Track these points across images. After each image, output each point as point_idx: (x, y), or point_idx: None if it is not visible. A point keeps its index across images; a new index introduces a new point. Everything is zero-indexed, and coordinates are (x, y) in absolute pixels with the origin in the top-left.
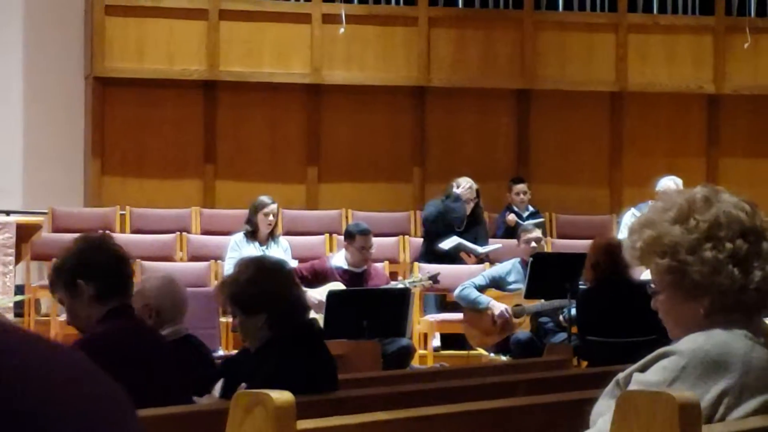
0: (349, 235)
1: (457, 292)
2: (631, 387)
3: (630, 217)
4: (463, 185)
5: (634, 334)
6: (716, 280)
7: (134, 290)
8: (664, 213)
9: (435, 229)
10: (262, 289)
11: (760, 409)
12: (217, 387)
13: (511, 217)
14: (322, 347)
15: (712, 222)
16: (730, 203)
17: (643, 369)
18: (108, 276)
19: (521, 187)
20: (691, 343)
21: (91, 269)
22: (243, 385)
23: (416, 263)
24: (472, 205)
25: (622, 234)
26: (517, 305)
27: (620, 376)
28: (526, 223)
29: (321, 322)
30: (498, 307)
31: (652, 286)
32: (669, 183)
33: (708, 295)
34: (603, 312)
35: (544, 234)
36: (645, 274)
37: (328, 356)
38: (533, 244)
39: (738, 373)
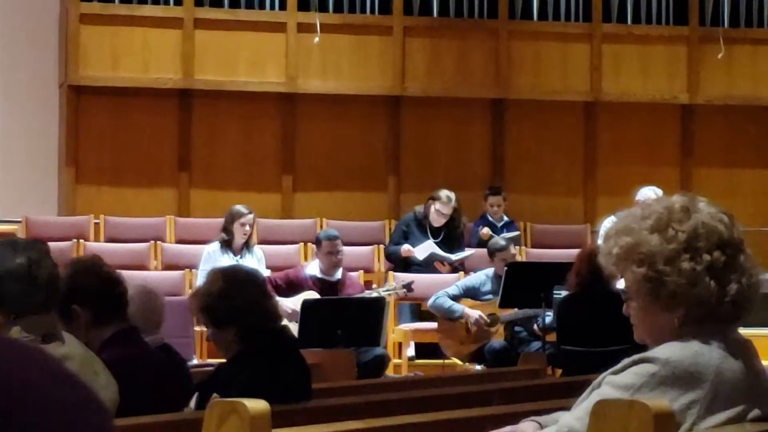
0: (317, 242)
1: (431, 301)
2: (603, 387)
3: (609, 224)
4: (435, 206)
5: (609, 343)
6: (693, 292)
7: None
8: (642, 221)
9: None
10: (233, 302)
11: (732, 419)
12: (193, 400)
13: (485, 231)
14: (295, 356)
15: (691, 233)
16: (708, 214)
17: (617, 372)
18: (103, 299)
19: (497, 198)
20: (667, 352)
21: (85, 293)
22: (215, 395)
23: (391, 272)
24: (444, 219)
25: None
26: (491, 314)
27: (595, 381)
28: (501, 237)
29: (295, 332)
30: (472, 314)
31: (626, 292)
32: (649, 193)
33: (683, 306)
34: (580, 320)
35: (518, 243)
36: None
37: (301, 365)
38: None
39: (710, 384)
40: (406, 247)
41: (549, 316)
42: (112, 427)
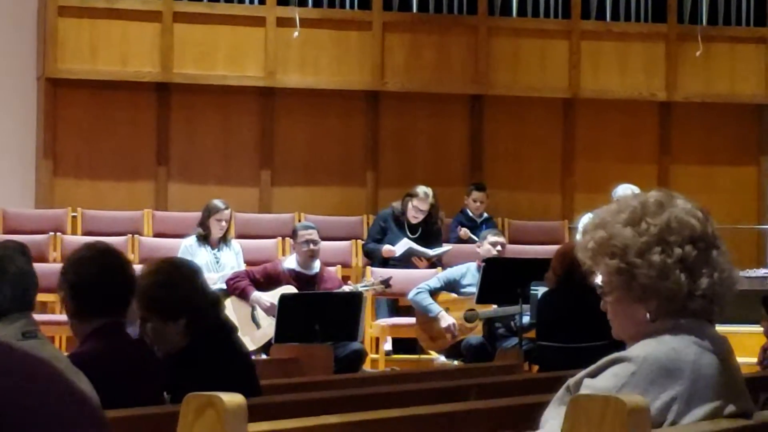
0: (293, 233)
1: (411, 295)
2: (581, 392)
3: (586, 220)
4: (413, 202)
5: (585, 340)
6: (663, 285)
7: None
8: (617, 215)
9: (375, 246)
10: (180, 291)
11: (708, 415)
12: None
13: (464, 232)
14: (241, 349)
15: (663, 226)
16: (682, 209)
17: (593, 374)
18: (89, 294)
19: (481, 195)
20: (642, 350)
21: (73, 286)
22: (165, 395)
23: (368, 267)
24: (422, 216)
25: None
26: (470, 310)
27: (571, 381)
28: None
29: (273, 326)
30: (446, 320)
31: (602, 287)
32: (626, 191)
33: (655, 298)
34: (559, 316)
35: None
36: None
37: (248, 359)
38: (498, 247)
39: (688, 381)
40: (387, 248)
41: (526, 316)
42: (103, 424)
